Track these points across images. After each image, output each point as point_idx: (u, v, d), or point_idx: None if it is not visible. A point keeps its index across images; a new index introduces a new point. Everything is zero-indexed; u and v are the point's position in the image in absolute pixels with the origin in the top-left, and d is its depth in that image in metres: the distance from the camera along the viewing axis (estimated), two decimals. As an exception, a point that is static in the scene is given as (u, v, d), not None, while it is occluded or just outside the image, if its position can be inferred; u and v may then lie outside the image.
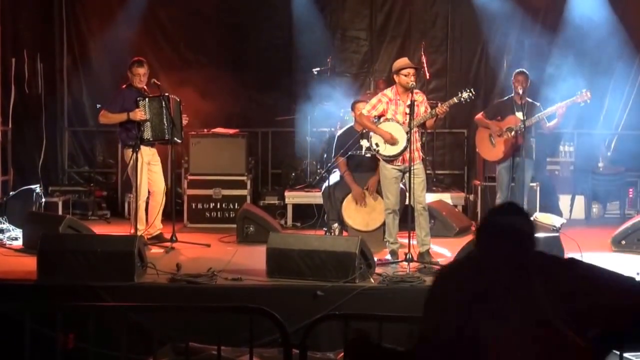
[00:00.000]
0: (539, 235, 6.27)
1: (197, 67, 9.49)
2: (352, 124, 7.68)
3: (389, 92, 6.61)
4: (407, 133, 6.39)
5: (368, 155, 7.38)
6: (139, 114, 6.97)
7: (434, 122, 6.63)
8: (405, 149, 6.41)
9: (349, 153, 7.36)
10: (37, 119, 9.48)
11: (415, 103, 6.39)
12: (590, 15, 9.87)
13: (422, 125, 6.65)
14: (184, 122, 7.41)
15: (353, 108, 7.47)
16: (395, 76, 6.53)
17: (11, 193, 8.50)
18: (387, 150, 6.51)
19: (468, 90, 6.56)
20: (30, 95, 9.30)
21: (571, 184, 9.63)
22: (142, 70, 7.12)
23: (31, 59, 9.31)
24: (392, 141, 6.45)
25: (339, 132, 7.78)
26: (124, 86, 7.26)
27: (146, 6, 9.87)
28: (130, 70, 7.17)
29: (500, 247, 2.50)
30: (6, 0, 8.90)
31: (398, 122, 6.47)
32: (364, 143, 7.41)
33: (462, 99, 6.55)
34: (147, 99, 7.06)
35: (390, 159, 6.51)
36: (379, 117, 6.62)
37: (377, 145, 6.56)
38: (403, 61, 6.60)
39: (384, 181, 6.63)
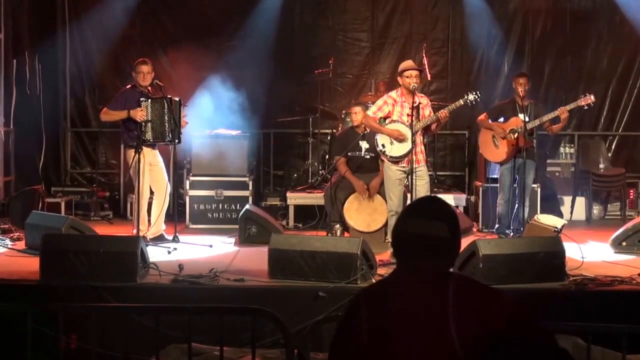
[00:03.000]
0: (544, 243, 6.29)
1: (199, 68, 9.49)
2: (350, 125, 7.73)
3: (394, 94, 6.64)
4: (412, 135, 6.40)
5: (368, 156, 7.41)
6: (140, 113, 6.99)
7: (437, 126, 6.66)
8: (412, 149, 6.41)
9: (349, 154, 7.38)
10: (38, 120, 9.48)
11: (420, 106, 6.43)
12: (591, 17, 9.91)
13: (427, 129, 6.65)
14: (184, 124, 7.42)
15: (350, 110, 7.70)
16: (399, 78, 6.58)
17: (14, 194, 8.51)
18: (393, 151, 6.53)
19: (474, 93, 6.58)
20: (32, 96, 9.30)
21: (572, 185, 9.64)
22: (145, 68, 7.15)
23: (32, 60, 9.31)
24: (401, 137, 6.46)
25: (337, 133, 7.81)
26: (128, 86, 7.31)
27: (148, 7, 9.89)
28: (134, 69, 7.23)
29: (415, 259, 2.25)
30: (7, 1, 8.91)
31: (404, 123, 6.49)
32: (363, 144, 7.44)
33: (468, 100, 6.59)
34: (149, 100, 7.08)
35: (397, 160, 6.52)
36: (385, 118, 6.66)
37: (383, 146, 6.59)
38: (407, 63, 6.66)
39: (388, 182, 6.64)
